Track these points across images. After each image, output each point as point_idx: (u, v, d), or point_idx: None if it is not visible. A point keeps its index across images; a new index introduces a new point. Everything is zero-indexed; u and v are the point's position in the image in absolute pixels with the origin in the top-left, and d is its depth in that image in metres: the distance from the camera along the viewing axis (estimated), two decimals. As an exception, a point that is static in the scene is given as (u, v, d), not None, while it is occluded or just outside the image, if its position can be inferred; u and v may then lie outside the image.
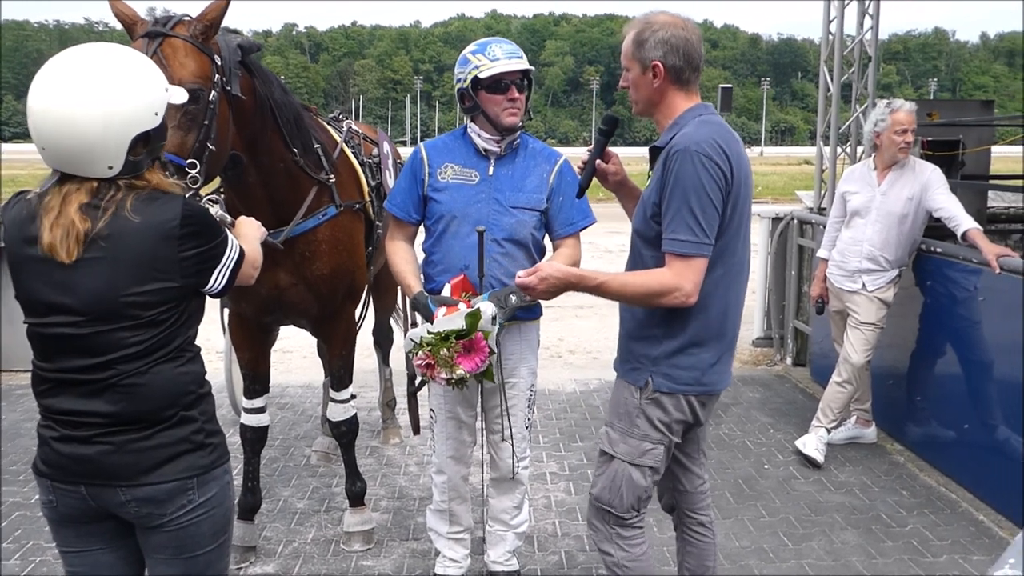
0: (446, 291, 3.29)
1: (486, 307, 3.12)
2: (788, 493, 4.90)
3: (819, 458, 5.23)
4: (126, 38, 3.05)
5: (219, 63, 3.11)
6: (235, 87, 3.19)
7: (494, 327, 3.14)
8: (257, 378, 4.12)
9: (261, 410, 4.12)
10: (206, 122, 3.00)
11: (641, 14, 2.83)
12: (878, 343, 5.22)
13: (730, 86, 21.05)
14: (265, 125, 3.50)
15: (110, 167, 2.10)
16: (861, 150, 6.84)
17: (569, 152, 3.94)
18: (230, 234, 2.37)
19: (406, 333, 3.48)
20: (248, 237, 2.59)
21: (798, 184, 26.78)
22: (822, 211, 7.34)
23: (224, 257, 2.28)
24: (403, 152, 4.71)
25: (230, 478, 2.39)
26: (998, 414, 4.68)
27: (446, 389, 3.38)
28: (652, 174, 2.75)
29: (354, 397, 4.30)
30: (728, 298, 2.79)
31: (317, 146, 3.83)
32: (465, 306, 3.16)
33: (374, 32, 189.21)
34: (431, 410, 3.69)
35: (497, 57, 3.32)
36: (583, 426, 6.00)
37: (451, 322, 3.08)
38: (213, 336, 5.66)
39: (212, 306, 2.82)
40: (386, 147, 4.67)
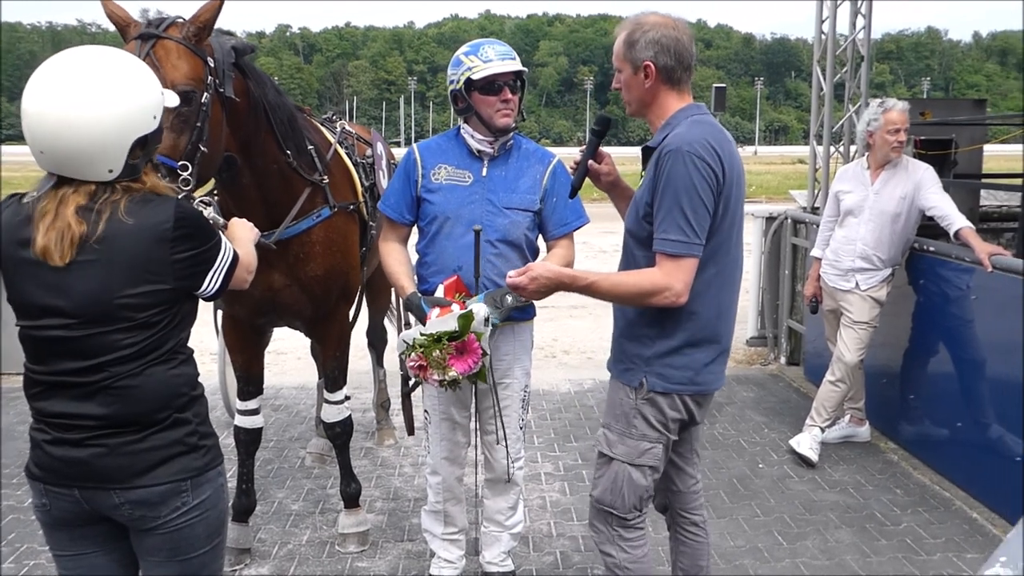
0: (439, 292, 3.29)
1: (479, 309, 3.12)
2: (782, 492, 4.91)
3: (813, 457, 5.24)
4: (119, 40, 3.04)
5: (212, 65, 3.11)
6: (228, 89, 3.18)
7: (487, 328, 3.14)
8: (251, 380, 4.12)
9: (255, 412, 4.12)
10: (198, 124, 2.99)
11: (632, 15, 2.83)
12: (871, 342, 5.23)
13: (724, 85, 21.00)
14: (259, 127, 3.49)
15: (110, 170, 2.11)
16: (854, 149, 6.86)
17: (563, 152, 3.95)
18: (224, 238, 2.37)
19: (400, 334, 3.48)
20: (242, 240, 2.59)
21: (792, 183, 26.81)
22: (816, 210, 7.37)
23: (218, 260, 2.28)
24: (397, 153, 4.71)
25: (224, 480, 2.38)
26: (991, 412, 4.69)
27: (440, 390, 3.38)
28: (645, 174, 2.76)
29: (348, 398, 4.29)
30: (721, 298, 2.79)
31: (311, 147, 3.82)
32: (458, 307, 3.16)
33: (368, 33, 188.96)
34: (425, 411, 3.69)
35: (490, 58, 3.32)
36: (578, 426, 6.00)
37: (444, 324, 3.08)
38: (207, 338, 5.67)
39: (205, 308, 2.81)
40: (380, 148, 4.67)
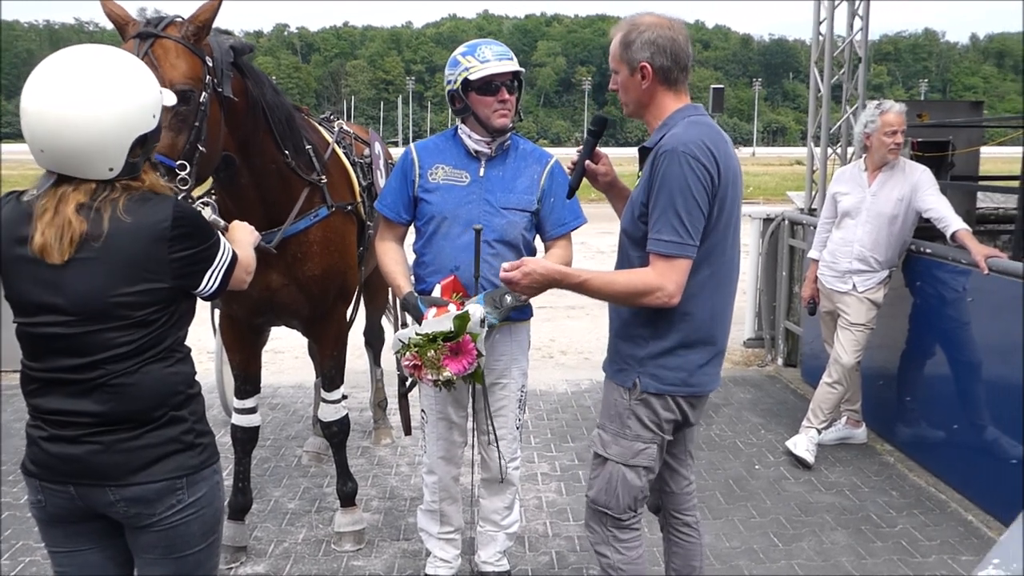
0: (436, 292, 3.29)
1: (475, 310, 3.12)
2: (778, 494, 4.91)
3: (809, 459, 5.25)
4: (117, 38, 3.04)
5: (211, 64, 3.11)
6: (227, 88, 3.18)
7: (483, 330, 3.15)
8: (248, 379, 4.12)
9: (252, 410, 4.12)
10: (197, 123, 3.00)
11: (628, 16, 2.83)
12: (868, 344, 5.24)
13: (722, 86, 21.04)
14: (257, 126, 3.49)
15: (110, 169, 2.11)
16: (852, 151, 6.86)
17: (561, 152, 3.95)
18: (223, 238, 2.37)
19: (395, 333, 3.48)
20: (242, 242, 2.59)
21: (790, 184, 26.83)
22: (813, 212, 7.36)
23: (216, 260, 2.28)
24: (395, 153, 4.71)
25: (220, 478, 2.39)
26: (987, 415, 4.70)
27: (436, 390, 3.39)
28: (641, 175, 2.76)
29: (345, 397, 4.29)
30: (716, 300, 2.79)
31: (308, 147, 3.82)
32: (455, 307, 3.16)
33: (366, 33, 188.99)
34: (422, 411, 3.69)
35: (487, 59, 3.32)
36: (574, 427, 6.00)
37: (439, 324, 3.08)
38: (204, 337, 5.66)
39: (203, 306, 2.81)
40: (377, 147, 4.67)
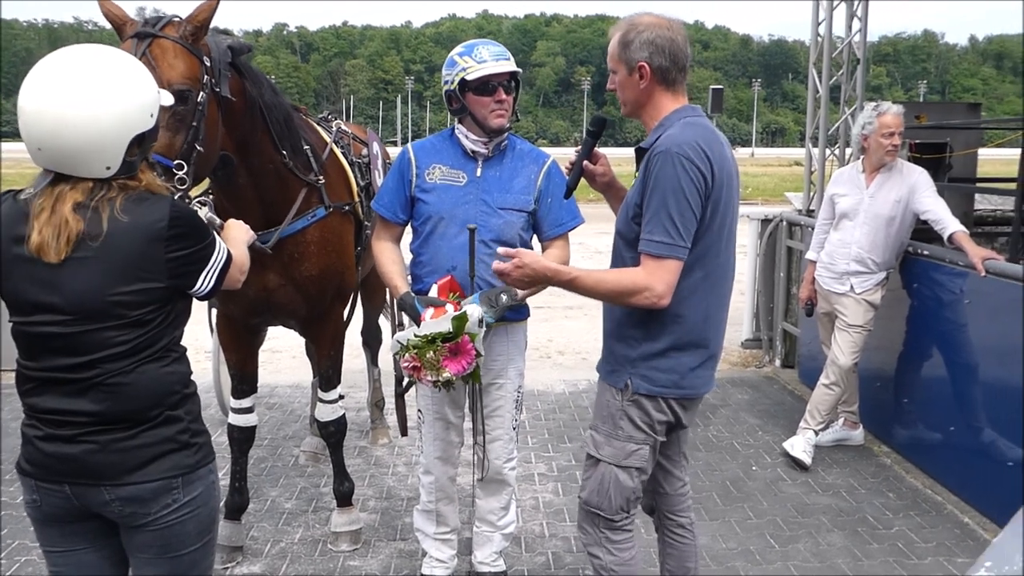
0: (433, 292, 3.29)
1: (473, 310, 3.12)
2: (775, 495, 4.92)
3: (806, 460, 5.25)
4: (116, 38, 3.04)
5: (208, 64, 3.11)
6: (224, 88, 3.18)
7: (481, 329, 3.15)
8: (245, 378, 4.12)
9: (249, 410, 4.12)
10: (194, 123, 3.00)
11: (626, 15, 2.83)
12: (865, 345, 5.24)
13: (721, 87, 21.04)
14: (255, 126, 3.49)
15: (108, 167, 2.11)
16: (850, 152, 6.87)
17: (560, 152, 3.94)
18: (218, 238, 2.37)
19: (394, 335, 3.48)
20: (236, 241, 2.59)
21: (789, 185, 26.81)
22: (811, 213, 7.37)
23: (211, 260, 2.28)
24: (393, 153, 4.71)
25: (215, 478, 2.39)
26: (983, 417, 4.70)
27: (434, 390, 3.39)
28: (637, 175, 2.76)
29: (342, 397, 4.30)
30: (710, 302, 2.78)
31: (306, 147, 3.82)
32: (452, 307, 3.16)
33: (365, 32, 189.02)
34: (419, 411, 3.69)
35: (484, 59, 3.32)
36: (572, 427, 6.00)
37: (438, 325, 3.08)
38: (201, 336, 5.65)
39: (200, 306, 2.81)
40: (375, 147, 4.67)
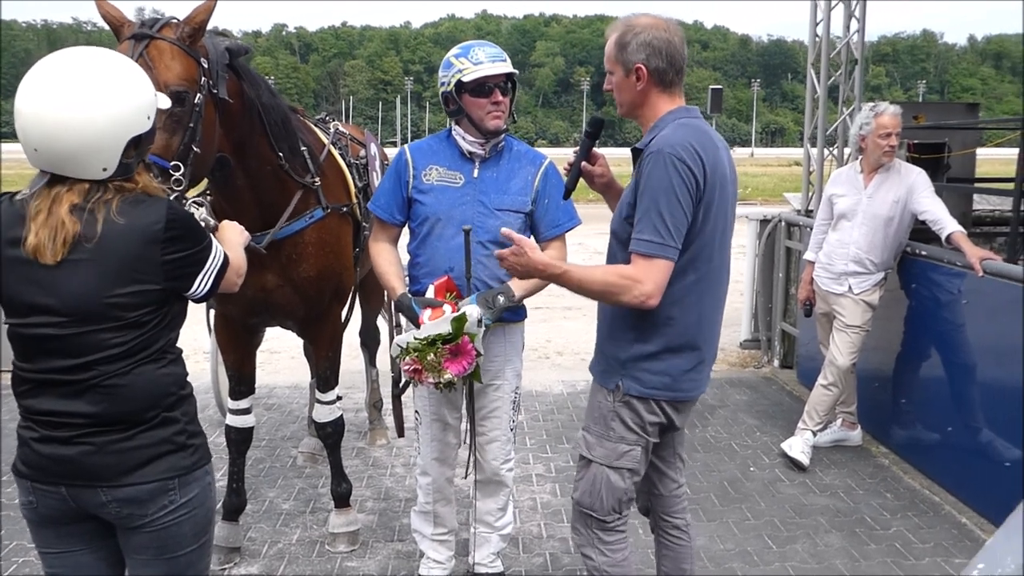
0: (430, 292, 3.29)
1: (471, 310, 3.13)
2: (773, 496, 4.92)
3: (804, 461, 5.25)
4: (115, 39, 3.05)
5: (206, 66, 3.11)
6: (222, 90, 3.19)
7: (480, 329, 3.15)
8: (242, 379, 4.12)
9: (246, 411, 4.12)
10: (191, 125, 3.00)
11: (622, 16, 2.82)
12: (863, 346, 5.24)
13: (720, 87, 21.02)
14: (252, 128, 3.50)
15: (104, 169, 2.11)
16: (848, 152, 6.87)
17: (560, 153, 3.94)
18: (215, 240, 2.37)
19: (392, 335, 3.48)
20: (232, 243, 2.59)
21: (788, 186, 26.81)
22: (809, 213, 7.37)
23: (208, 262, 2.28)
24: (392, 154, 4.72)
25: (212, 479, 2.39)
26: (981, 417, 4.70)
27: (431, 391, 3.39)
28: (632, 176, 2.76)
29: (340, 398, 4.30)
30: (703, 305, 2.76)
31: (304, 148, 3.82)
32: (450, 308, 3.16)
33: (364, 33, 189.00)
34: (416, 412, 3.69)
35: (480, 61, 3.31)
36: (570, 428, 5.99)
37: (437, 327, 3.08)
38: (200, 336, 5.66)
39: (198, 307, 2.81)
40: (373, 148, 4.68)
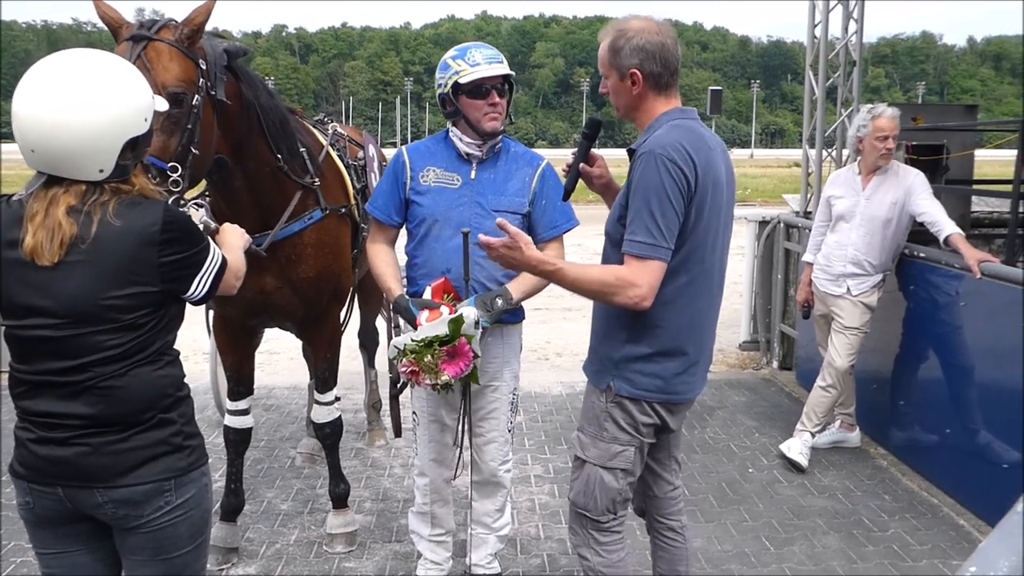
0: (427, 294, 3.29)
1: (469, 312, 3.13)
2: (771, 497, 4.92)
3: (803, 462, 5.25)
4: (114, 40, 3.05)
5: (204, 67, 3.11)
6: (220, 91, 3.19)
7: (477, 331, 3.16)
8: (241, 380, 4.12)
9: (245, 412, 4.12)
10: (189, 126, 3.01)
11: (613, 20, 2.81)
12: (862, 347, 5.25)
13: (720, 88, 21.01)
14: (251, 129, 3.50)
15: (101, 170, 2.12)
16: (847, 154, 6.87)
17: (559, 154, 3.95)
18: (213, 243, 2.37)
19: (390, 336, 3.48)
20: (232, 246, 2.59)
21: (788, 187, 26.81)
22: (808, 215, 7.37)
23: (205, 265, 2.28)
24: (392, 155, 4.72)
25: (208, 480, 2.39)
26: (979, 419, 4.70)
27: (429, 392, 3.39)
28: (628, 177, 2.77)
29: (338, 399, 4.30)
30: (696, 307, 2.75)
31: (303, 149, 3.83)
32: (447, 309, 3.17)
33: (364, 33, 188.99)
34: (413, 413, 3.69)
35: (477, 62, 3.32)
36: (569, 429, 5.97)
37: (434, 328, 3.09)
38: (199, 337, 5.66)
39: (198, 308, 2.81)
40: (371, 150, 4.68)
